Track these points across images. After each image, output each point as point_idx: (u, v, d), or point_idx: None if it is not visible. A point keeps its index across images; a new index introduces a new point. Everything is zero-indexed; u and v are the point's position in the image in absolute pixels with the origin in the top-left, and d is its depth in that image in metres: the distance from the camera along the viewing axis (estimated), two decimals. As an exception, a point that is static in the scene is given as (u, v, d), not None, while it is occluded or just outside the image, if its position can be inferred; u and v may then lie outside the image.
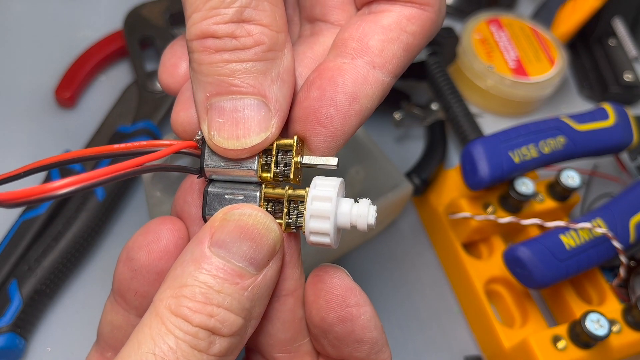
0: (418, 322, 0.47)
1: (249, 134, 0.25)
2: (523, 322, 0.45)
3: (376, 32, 0.27)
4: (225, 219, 0.24)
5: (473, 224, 0.45)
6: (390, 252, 0.50)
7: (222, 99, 0.25)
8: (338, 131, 0.26)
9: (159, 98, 0.52)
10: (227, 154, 0.26)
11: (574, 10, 0.61)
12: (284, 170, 0.26)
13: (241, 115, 0.25)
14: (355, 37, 0.27)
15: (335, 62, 0.27)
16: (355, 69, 0.26)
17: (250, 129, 0.25)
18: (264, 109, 0.25)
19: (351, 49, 0.27)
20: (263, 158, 0.26)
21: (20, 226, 0.44)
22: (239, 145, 0.25)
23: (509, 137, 0.44)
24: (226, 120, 0.25)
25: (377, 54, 0.27)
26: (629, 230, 0.43)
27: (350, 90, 0.26)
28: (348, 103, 0.26)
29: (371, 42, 0.27)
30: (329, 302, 0.26)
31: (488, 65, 0.58)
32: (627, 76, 0.61)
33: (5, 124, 0.52)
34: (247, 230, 0.24)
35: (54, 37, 0.57)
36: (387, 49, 0.27)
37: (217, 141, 0.26)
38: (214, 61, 0.25)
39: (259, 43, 0.25)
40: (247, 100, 0.25)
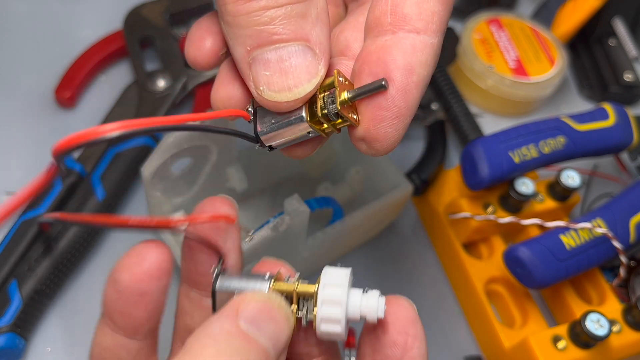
0: (418, 322, 0.47)
1: (300, 82, 0.24)
2: (523, 322, 0.45)
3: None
4: (252, 297, 0.24)
5: (473, 224, 0.45)
6: (390, 252, 0.50)
7: (264, 50, 0.24)
8: (402, 109, 0.25)
9: (159, 98, 0.52)
10: (280, 107, 0.25)
11: (574, 10, 0.61)
12: (332, 108, 0.25)
13: (288, 65, 0.24)
14: (387, 11, 0.25)
15: (376, 43, 0.25)
16: (400, 42, 0.25)
17: (301, 77, 0.24)
18: (309, 54, 0.24)
19: (388, 25, 0.25)
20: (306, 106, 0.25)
21: (20, 226, 0.44)
22: (292, 96, 0.24)
23: (509, 137, 0.44)
24: (273, 72, 0.24)
25: (416, 18, 0.25)
26: (629, 230, 0.43)
27: (403, 64, 0.24)
28: (405, 77, 0.24)
29: (405, 9, 0.25)
30: (390, 324, 0.26)
31: (488, 65, 0.58)
32: (627, 76, 0.61)
33: (5, 124, 0.52)
34: (274, 312, 0.24)
35: (54, 37, 0.57)
36: (424, 9, 0.25)
37: (268, 96, 0.24)
38: (251, 10, 0.23)
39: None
40: (291, 48, 0.24)
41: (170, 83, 0.53)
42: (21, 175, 0.49)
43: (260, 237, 0.37)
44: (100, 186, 0.46)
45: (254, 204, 0.48)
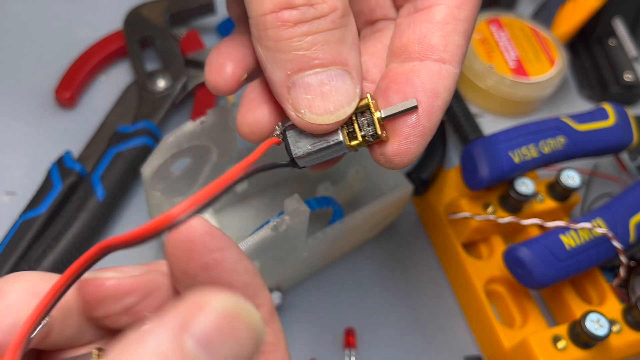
0: (418, 322, 0.47)
1: (341, 105, 0.25)
2: (523, 322, 0.45)
3: (434, 30, 0.27)
4: (209, 303, 0.18)
5: (473, 224, 0.45)
6: (390, 252, 0.50)
7: (305, 74, 0.24)
8: (426, 129, 0.26)
9: (159, 98, 0.52)
10: (320, 130, 0.25)
11: (574, 10, 0.61)
12: (369, 130, 0.26)
13: (329, 88, 0.25)
14: (414, 40, 0.27)
15: (404, 67, 0.27)
16: (428, 68, 0.27)
17: (341, 99, 0.25)
18: (348, 77, 0.25)
19: (416, 53, 0.27)
20: (344, 127, 0.26)
21: (20, 226, 0.44)
22: (334, 119, 0.25)
23: (509, 137, 0.44)
24: (315, 95, 0.25)
25: (443, 50, 0.27)
26: (629, 230, 0.43)
27: (430, 87, 0.26)
28: (431, 100, 0.26)
29: (433, 40, 0.27)
30: (188, 251, 0.22)
31: (488, 65, 0.58)
32: (627, 76, 0.61)
33: (5, 124, 0.52)
34: (237, 325, 0.18)
35: (54, 37, 0.57)
36: (449, 42, 0.27)
37: (309, 119, 0.25)
38: (293, 35, 0.24)
39: (334, 9, 0.24)
40: (331, 72, 0.25)
41: (170, 83, 0.53)
42: (21, 175, 0.49)
43: (261, 237, 0.37)
44: (100, 186, 0.46)
45: (254, 204, 0.48)
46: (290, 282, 0.45)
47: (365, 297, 0.47)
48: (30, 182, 0.48)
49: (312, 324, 0.45)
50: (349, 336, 0.44)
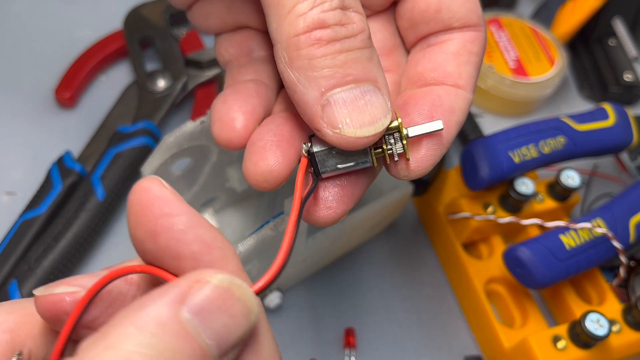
0: (418, 322, 0.47)
1: (378, 117, 0.25)
2: (523, 322, 0.45)
3: (449, 59, 0.29)
4: (206, 280, 0.20)
5: (473, 224, 0.45)
6: (390, 252, 0.50)
7: (339, 91, 0.25)
8: (444, 139, 0.27)
9: (159, 98, 0.52)
10: (358, 144, 0.25)
11: (574, 10, 0.61)
12: (396, 148, 0.27)
13: (364, 102, 0.25)
14: (430, 68, 0.29)
15: (421, 90, 0.29)
16: (445, 89, 0.28)
17: (377, 112, 0.25)
18: (379, 93, 0.26)
19: (432, 79, 0.29)
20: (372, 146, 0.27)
21: (20, 226, 0.44)
22: (373, 130, 0.25)
23: (509, 137, 0.44)
24: (351, 110, 0.25)
25: (458, 76, 0.29)
26: (629, 230, 0.43)
27: (447, 104, 0.28)
28: (448, 115, 0.28)
29: (448, 68, 0.29)
30: (136, 215, 0.22)
31: (488, 65, 0.58)
32: (627, 76, 0.61)
33: (5, 124, 0.52)
34: (231, 302, 0.20)
35: (54, 37, 0.57)
36: (463, 71, 0.29)
37: (348, 133, 0.25)
38: (327, 53, 0.24)
39: (362, 30, 0.25)
40: (364, 87, 0.25)
41: (170, 83, 0.53)
42: (21, 175, 0.49)
43: (260, 237, 0.37)
44: (100, 186, 0.46)
45: (254, 204, 0.48)
46: (290, 282, 0.45)
47: (365, 297, 0.47)
48: (30, 182, 0.48)
49: (312, 324, 0.45)
50: (349, 336, 0.44)
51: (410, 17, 0.30)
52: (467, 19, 0.29)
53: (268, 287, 0.22)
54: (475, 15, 0.29)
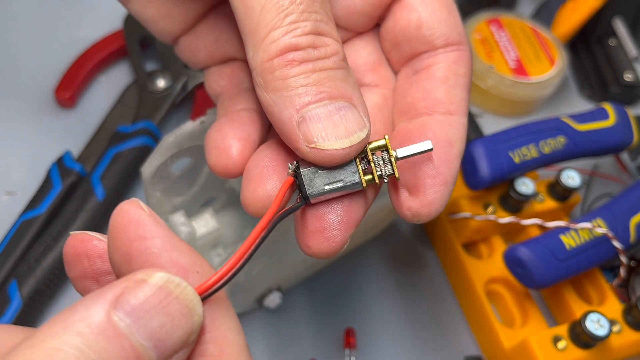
0: (418, 322, 0.47)
1: (353, 130, 0.25)
2: (523, 322, 0.45)
3: (438, 86, 0.28)
4: (145, 280, 0.19)
5: (473, 224, 0.45)
6: (390, 252, 0.50)
7: (313, 107, 0.25)
8: (447, 177, 0.27)
9: (159, 98, 0.52)
10: (335, 157, 0.25)
11: (574, 10, 0.61)
12: (385, 169, 0.26)
13: (339, 117, 0.25)
14: (420, 97, 0.29)
15: (414, 123, 0.28)
16: (438, 120, 0.28)
17: (353, 126, 0.25)
18: (354, 110, 0.25)
19: (423, 108, 0.28)
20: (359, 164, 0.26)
21: (20, 226, 0.44)
22: (348, 143, 0.25)
23: (509, 137, 0.44)
24: (326, 124, 0.25)
25: (448, 102, 0.28)
26: (629, 230, 0.43)
27: (444, 138, 0.27)
28: (447, 149, 0.27)
29: (438, 95, 0.28)
30: (112, 239, 0.22)
31: (488, 65, 0.58)
32: (627, 76, 0.61)
33: (5, 124, 0.52)
34: (168, 301, 0.19)
35: (54, 37, 0.57)
36: (453, 96, 0.28)
37: (323, 146, 0.25)
38: (300, 72, 0.25)
39: (336, 52, 0.25)
40: (338, 104, 0.25)
41: (170, 83, 0.53)
42: (21, 175, 0.49)
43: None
44: (100, 186, 0.46)
45: (254, 204, 0.48)
46: (290, 282, 0.45)
47: (365, 297, 0.47)
48: (30, 182, 0.48)
49: (312, 324, 0.45)
50: (349, 336, 0.44)
51: (393, 36, 0.30)
52: (449, 36, 0.29)
53: (215, 290, 0.21)
54: (457, 32, 0.29)
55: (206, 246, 0.44)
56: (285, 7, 0.24)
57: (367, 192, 0.28)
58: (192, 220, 0.43)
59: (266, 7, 0.24)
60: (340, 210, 0.27)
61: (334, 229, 0.27)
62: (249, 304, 0.44)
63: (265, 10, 0.24)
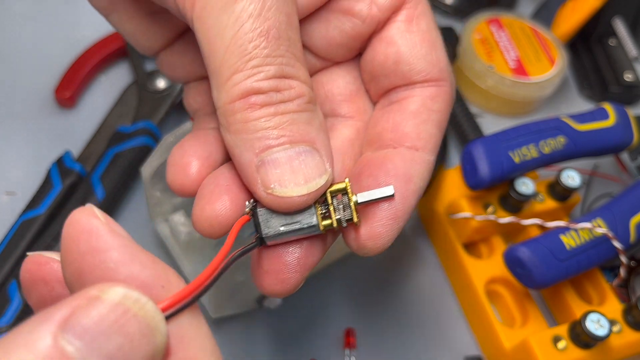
0: (418, 322, 0.47)
1: (312, 177, 0.25)
2: (523, 322, 0.45)
3: (407, 119, 0.28)
4: (99, 296, 0.17)
5: (473, 224, 0.45)
6: (390, 252, 0.50)
7: (273, 151, 0.25)
8: (399, 212, 0.26)
9: (159, 98, 0.52)
10: (292, 204, 0.25)
11: (574, 10, 0.61)
12: (344, 214, 0.26)
13: (298, 162, 0.25)
14: (388, 128, 0.28)
15: (378, 154, 0.28)
16: (402, 154, 0.27)
17: (312, 172, 0.25)
18: (316, 155, 0.25)
19: (389, 140, 0.28)
20: (318, 208, 0.26)
21: (20, 226, 0.44)
22: (305, 190, 0.25)
23: (509, 137, 0.44)
24: (284, 170, 0.25)
25: (415, 138, 0.28)
26: (629, 230, 0.43)
27: (403, 172, 0.27)
28: (404, 184, 0.26)
29: (406, 129, 0.28)
30: (63, 252, 0.19)
31: (488, 65, 0.58)
32: (627, 76, 0.61)
33: (5, 124, 0.52)
34: (126, 322, 0.17)
35: (54, 37, 0.57)
36: (422, 131, 0.28)
37: (280, 192, 0.24)
38: (260, 116, 0.24)
39: (301, 95, 0.25)
40: (299, 148, 0.25)
41: (170, 83, 0.53)
42: (21, 175, 0.49)
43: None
44: (100, 186, 0.46)
45: (254, 204, 0.48)
46: (290, 282, 0.45)
47: (365, 297, 0.47)
48: (30, 182, 0.48)
49: (312, 324, 0.45)
50: (349, 336, 0.44)
51: (371, 69, 0.29)
52: (428, 72, 0.28)
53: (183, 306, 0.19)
54: (437, 68, 0.28)
55: (207, 246, 0.44)
56: (249, 52, 0.24)
57: (327, 235, 0.27)
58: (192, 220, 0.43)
59: (229, 49, 0.24)
60: (297, 253, 0.26)
61: (290, 272, 0.26)
62: (249, 304, 0.44)
63: (228, 52, 0.24)
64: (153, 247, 0.47)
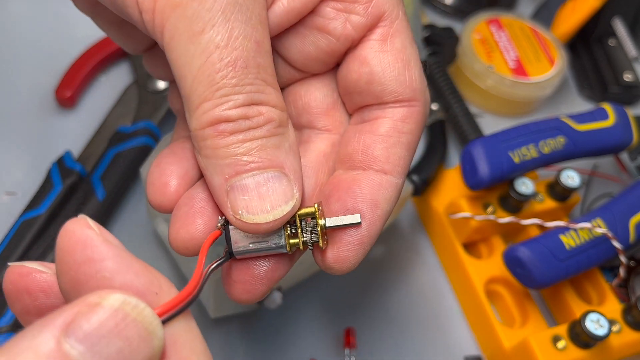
0: (418, 322, 0.47)
1: (278, 204, 0.25)
2: (523, 322, 0.45)
3: (377, 142, 0.28)
4: (99, 303, 0.18)
5: (473, 224, 0.45)
6: (390, 252, 0.50)
7: (242, 177, 0.25)
8: (365, 237, 0.27)
9: (159, 98, 0.52)
10: (259, 229, 0.26)
11: (574, 10, 0.61)
12: (312, 237, 0.27)
13: (266, 189, 0.25)
14: (359, 150, 0.28)
15: (347, 174, 0.28)
16: (369, 178, 0.28)
17: (278, 199, 0.25)
18: (285, 179, 0.26)
19: (359, 162, 0.28)
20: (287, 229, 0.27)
21: (20, 226, 0.44)
22: (271, 217, 0.25)
23: (509, 137, 0.44)
24: (252, 196, 0.25)
25: (384, 161, 0.28)
26: (629, 230, 0.43)
27: (370, 198, 0.27)
28: (370, 210, 0.27)
29: (375, 152, 0.28)
30: (59, 263, 0.20)
31: (488, 65, 0.58)
32: (627, 76, 0.61)
33: (5, 124, 0.52)
34: (125, 326, 0.18)
35: (54, 37, 0.57)
36: (391, 154, 0.28)
37: (247, 219, 0.25)
38: (230, 143, 0.25)
39: (270, 120, 0.25)
40: (267, 174, 0.25)
41: (170, 83, 0.53)
42: (21, 175, 0.49)
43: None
44: (101, 186, 0.46)
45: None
46: (291, 282, 0.45)
47: (365, 297, 0.47)
48: (30, 182, 0.48)
49: (312, 324, 0.45)
50: (349, 336, 0.44)
51: (345, 85, 0.29)
52: (400, 93, 0.28)
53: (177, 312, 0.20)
54: (410, 89, 0.28)
55: (206, 246, 0.44)
56: (217, 82, 0.24)
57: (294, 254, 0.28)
58: (192, 220, 0.43)
59: (197, 79, 0.24)
60: (265, 267, 0.27)
61: (256, 283, 0.27)
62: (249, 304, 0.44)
63: (196, 82, 0.24)
64: (153, 247, 0.47)
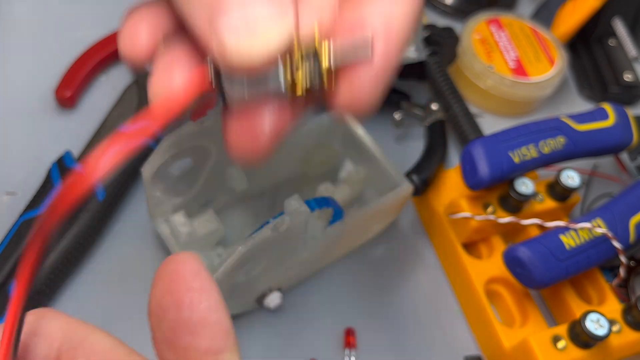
0: (418, 322, 0.47)
1: (270, 32, 0.22)
2: (523, 322, 0.45)
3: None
4: None
5: (473, 224, 0.45)
6: (390, 252, 0.50)
7: (226, 5, 0.23)
8: (381, 71, 0.23)
9: (159, 98, 0.52)
10: (251, 62, 0.22)
11: (574, 10, 0.61)
12: (315, 80, 0.23)
13: (254, 17, 0.22)
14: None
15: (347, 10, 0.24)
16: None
17: (270, 27, 0.22)
18: (275, 2, 0.23)
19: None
20: (288, 73, 0.23)
21: (20, 226, 0.44)
22: (263, 47, 0.22)
23: (509, 137, 0.44)
24: (239, 25, 0.22)
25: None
26: (629, 230, 0.43)
27: (382, 17, 0.23)
28: (384, 33, 0.23)
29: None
30: (169, 283, 0.21)
31: (488, 65, 0.58)
32: (627, 76, 0.61)
33: (5, 124, 0.52)
34: None
35: (54, 37, 0.57)
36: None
37: (236, 53, 0.22)
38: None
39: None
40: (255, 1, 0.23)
41: (170, 83, 0.53)
42: (21, 175, 0.49)
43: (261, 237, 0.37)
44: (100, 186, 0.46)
45: (254, 204, 0.48)
46: (291, 282, 0.45)
47: (365, 297, 0.47)
48: (30, 182, 0.48)
49: (312, 324, 0.45)
50: (349, 336, 0.44)
51: None
52: None
53: None
54: None
55: (207, 246, 0.44)
56: None
57: (298, 101, 0.25)
58: (192, 220, 0.43)
59: None
60: (267, 118, 0.25)
61: (259, 136, 0.25)
62: (249, 304, 0.44)
63: None
64: (153, 247, 0.47)
